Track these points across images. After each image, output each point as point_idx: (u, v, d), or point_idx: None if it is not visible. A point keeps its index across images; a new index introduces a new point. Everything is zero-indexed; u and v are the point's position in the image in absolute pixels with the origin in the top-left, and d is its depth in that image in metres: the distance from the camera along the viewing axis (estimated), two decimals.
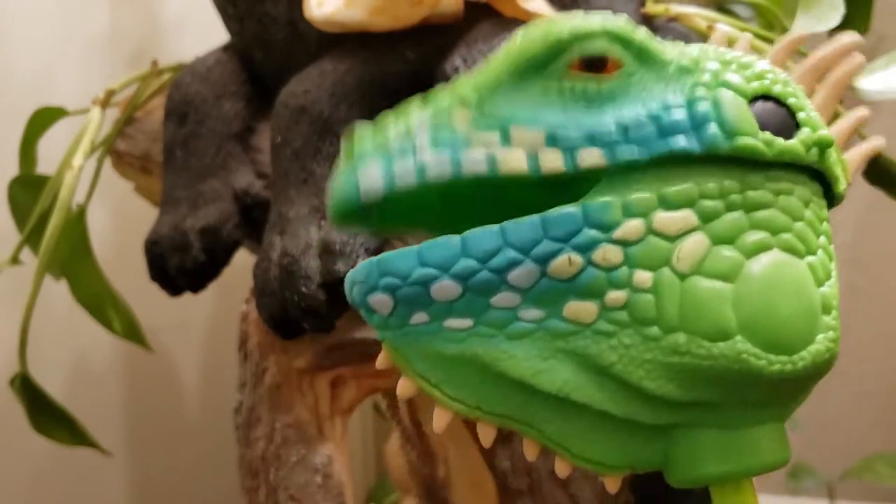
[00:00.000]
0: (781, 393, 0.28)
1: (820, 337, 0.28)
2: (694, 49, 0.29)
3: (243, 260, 0.55)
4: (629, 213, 0.27)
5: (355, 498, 0.51)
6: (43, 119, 0.63)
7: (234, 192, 0.52)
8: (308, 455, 0.49)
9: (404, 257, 0.27)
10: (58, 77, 0.75)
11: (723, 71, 0.28)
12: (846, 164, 0.31)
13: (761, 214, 0.28)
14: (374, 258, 0.28)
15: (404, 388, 0.28)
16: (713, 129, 0.27)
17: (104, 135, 0.60)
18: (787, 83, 0.29)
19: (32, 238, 0.58)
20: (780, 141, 0.28)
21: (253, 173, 0.54)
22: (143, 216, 0.60)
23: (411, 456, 0.61)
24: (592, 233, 0.27)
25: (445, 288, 0.27)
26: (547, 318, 0.27)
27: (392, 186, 0.27)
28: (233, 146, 0.54)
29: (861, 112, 0.32)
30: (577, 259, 0.27)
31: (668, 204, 0.27)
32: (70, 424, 0.60)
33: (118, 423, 0.79)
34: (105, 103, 0.59)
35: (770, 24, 0.56)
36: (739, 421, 0.28)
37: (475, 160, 0.27)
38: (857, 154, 0.31)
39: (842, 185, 0.30)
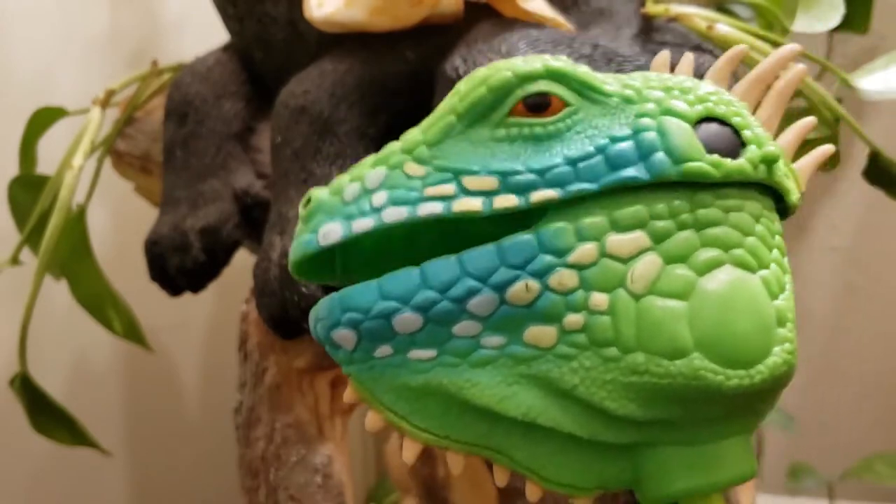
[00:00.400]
0: (742, 407, 0.28)
1: (777, 349, 0.28)
2: (636, 78, 0.30)
3: (243, 260, 0.55)
4: (582, 237, 0.27)
5: (355, 498, 0.51)
6: (43, 119, 0.63)
7: (234, 192, 0.52)
8: (308, 455, 0.49)
9: (365, 291, 0.28)
10: (58, 77, 0.75)
11: (666, 98, 0.29)
12: (797, 174, 0.31)
13: (712, 232, 0.28)
14: (335, 293, 0.28)
15: (372, 421, 0.29)
16: (660, 157, 0.28)
17: (104, 135, 0.60)
18: (730, 103, 0.30)
19: (32, 238, 0.58)
20: (727, 162, 0.28)
21: (253, 173, 0.54)
22: (143, 216, 0.60)
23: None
24: (548, 258, 0.27)
25: (407, 320, 0.27)
26: (508, 345, 0.28)
27: (349, 237, 0.28)
28: (233, 146, 0.54)
29: (808, 120, 0.32)
30: (534, 285, 0.27)
31: (619, 227, 0.28)
32: (70, 424, 0.60)
33: (118, 423, 0.79)
34: (105, 103, 0.59)
35: (770, 23, 0.56)
36: (703, 437, 0.28)
37: (433, 210, 0.28)
38: (809, 162, 0.32)
39: (794, 196, 0.30)
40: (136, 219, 0.65)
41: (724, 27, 0.50)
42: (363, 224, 0.28)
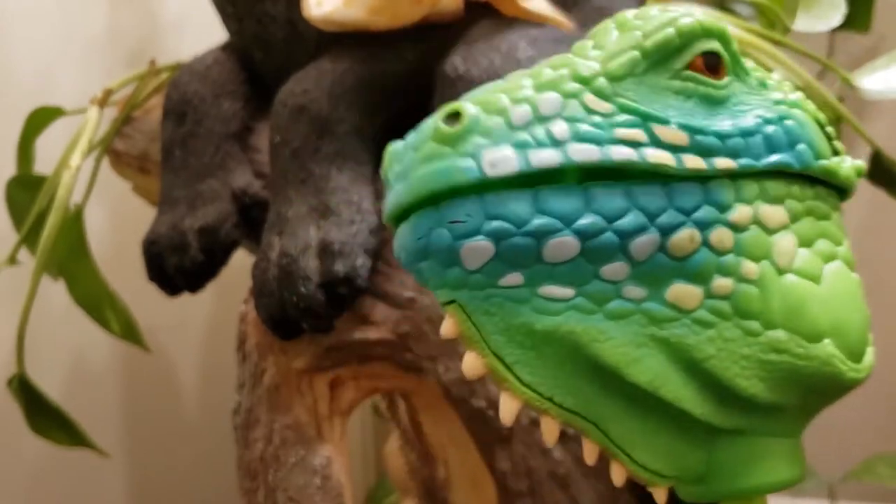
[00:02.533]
0: (830, 402, 0.28)
1: (870, 350, 0.28)
2: (749, 63, 0.29)
3: (242, 260, 0.55)
4: (740, 198, 0.26)
5: (354, 499, 0.51)
6: (41, 118, 0.63)
7: (233, 191, 0.52)
8: (307, 456, 0.49)
9: (519, 201, 0.24)
10: (56, 76, 0.75)
11: (787, 90, 0.29)
12: None
13: (825, 225, 0.28)
14: (472, 196, 0.24)
15: (471, 365, 0.25)
16: (804, 148, 0.27)
17: (102, 134, 0.60)
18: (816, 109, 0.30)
19: (30, 238, 0.58)
20: (844, 167, 0.29)
21: (251, 173, 0.54)
22: (141, 216, 0.60)
23: (411, 457, 0.60)
24: (712, 211, 0.25)
25: (563, 245, 0.24)
26: (648, 300, 0.25)
27: (528, 170, 0.24)
28: (231, 146, 0.54)
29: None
30: (698, 236, 0.25)
31: (767, 196, 0.27)
32: (68, 425, 0.60)
33: (116, 423, 0.79)
34: (103, 103, 0.59)
35: (771, 23, 0.56)
36: (794, 430, 0.28)
37: (625, 154, 0.25)
38: None
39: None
40: (134, 218, 0.65)
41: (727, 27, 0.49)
42: (546, 157, 0.24)
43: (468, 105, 0.24)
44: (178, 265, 0.51)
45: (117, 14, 0.80)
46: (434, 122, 0.24)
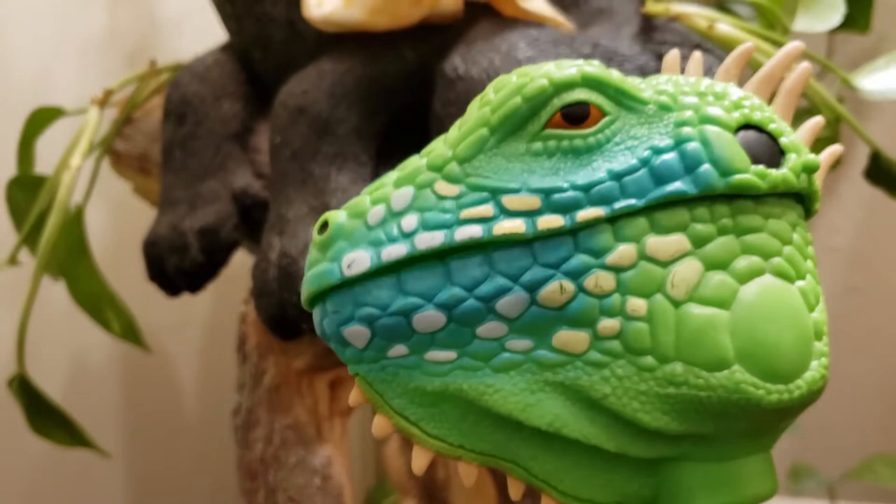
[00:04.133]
0: (772, 422, 0.27)
1: (814, 364, 0.27)
2: (666, 82, 0.28)
3: (242, 260, 0.55)
4: (621, 238, 0.26)
5: (354, 499, 0.51)
6: (41, 119, 0.63)
7: (233, 192, 0.52)
8: (307, 456, 0.49)
9: (383, 286, 0.26)
10: (56, 77, 0.75)
11: (702, 104, 0.27)
12: None
13: (752, 238, 0.27)
14: (346, 287, 0.26)
15: (380, 427, 0.27)
16: (706, 169, 0.26)
17: (102, 135, 0.60)
18: (763, 108, 0.29)
19: (30, 238, 0.58)
20: (772, 173, 0.27)
21: (251, 174, 0.54)
22: (141, 216, 0.60)
23: (410, 457, 0.60)
24: (584, 258, 0.26)
25: (428, 318, 0.26)
26: (535, 349, 0.26)
27: (380, 264, 0.26)
28: (231, 146, 0.54)
29: (818, 120, 0.31)
30: (569, 285, 0.26)
31: (659, 228, 0.26)
32: (68, 425, 0.60)
33: (116, 424, 0.79)
34: (103, 103, 0.59)
35: (771, 23, 0.56)
36: (730, 452, 0.27)
37: (470, 233, 0.26)
38: (822, 163, 0.31)
39: (818, 203, 0.29)
40: (134, 219, 0.65)
41: (724, 26, 0.50)
42: (394, 251, 0.26)
43: (337, 213, 0.27)
44: (178, 266, 0.51)
45: (117, 15, 0.80)
46: (314, 232, 0.28)
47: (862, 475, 0.80)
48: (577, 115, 0.27)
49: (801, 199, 0.29)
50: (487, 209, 0.26)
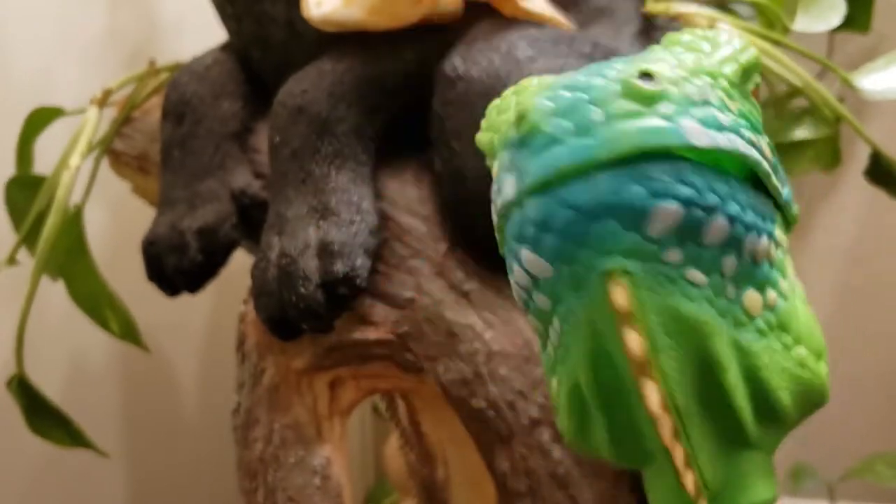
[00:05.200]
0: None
1: (825, 374, 0.28)
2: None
3: (241, 260, 0.55)
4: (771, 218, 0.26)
5: (354, 499, 0.51)
6: (40, 119, 0.63)
7: (232, 192, 0.52)
8: (306, 456, 0.49)
9: (702, 174, 0.23)
10: (56, 77, 0.75)
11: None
12: None
13: (786, 258, 0.27)
14: (665, 159, 0.23)
15: (636, 344, 0.23)
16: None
17: (101, 135, 0.60)
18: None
19: (29, 238, 0.59)
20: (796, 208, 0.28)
21: (251, 173, 0.54)
22: (140, 216, 0.60)
23: (410, 457, 0.61)
24: (773, 226, 0.26)
25: (720, 228, 0.23)
26: (734, 301, 0.25)
27: (711, 147, 0.23)
28: (230, 146, 0.54)
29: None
30: (773, 248, 0.25)
31: (776, 220, 0.26)
32: (67, 426, 0.60)
33: (115, 424, 0.79)
34: (102, 103, 0.59)
35: (771, 23, 0.56)
36: (775, 448, 0.28)
37: (767, 161, 0.25)
38: None
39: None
40: (133, 219, 0.65)
41: (725, 26, 0.50)
42: (722, 140, 0.23)
43: (661, 67, 0.24)
44: (177, 265, 0.51)
45: (117, 14, 0.80)
46: (624, 79, 0.23)
47: (862, 475, 0.80)
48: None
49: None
50: (756, 139, 0.25)
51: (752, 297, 0.25)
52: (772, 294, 0.25)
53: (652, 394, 0.24)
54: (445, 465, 0.55)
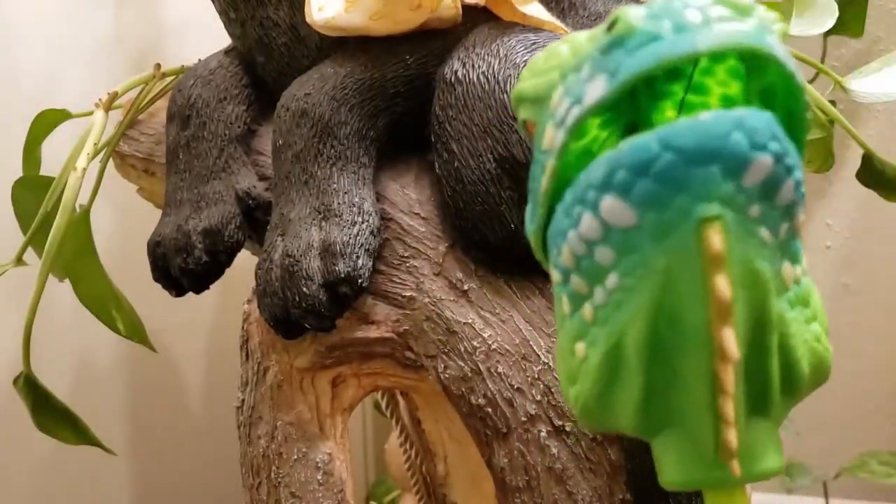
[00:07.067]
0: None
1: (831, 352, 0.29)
2: None
3: (246, 261, 0.56)
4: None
5: (355, 495, 0.51)
6: (47, 121, 0.63)
7: (237, 193, 0.52)
8: (309, 453, 0.49)
9: (783, 134, 0.23)
10: (62, 80, 0.75)
11: None
12: None
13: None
14: (760, 113, 0.23)
15: (725, 287, 0.23)
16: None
17: (108, 137, 0.60)
18: None
19: (36, 239, 0.59)
20: None
21: (255, 175, 0.54)
22: (146, 218, 0.60)
23: (411, 453, 0.61)
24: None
25: (789, 189, 0.23)
26: (778, 269, 0.25)
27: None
28: (235, 149, 0.54)
29: None
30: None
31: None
32: (74, 424, 0.60)
33: (122, 422, 0.79)
34: (108, 106, 0.60)
35: None
36: (782, 420, 0.28)
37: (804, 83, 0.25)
38: None
39: None
40: (139, 220, 0.65)
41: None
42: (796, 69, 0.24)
43: None
44: (182, 266, 0.51)
45: (123, 18, 0.80)
46: None
47: (856, 472, 0.81)
48: None
49: None
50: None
51: (787, 267, 0.25)
52: (798, 269, 0.26)
53: (731, 341, 0.23)
54: (445, 461, 0.56)
